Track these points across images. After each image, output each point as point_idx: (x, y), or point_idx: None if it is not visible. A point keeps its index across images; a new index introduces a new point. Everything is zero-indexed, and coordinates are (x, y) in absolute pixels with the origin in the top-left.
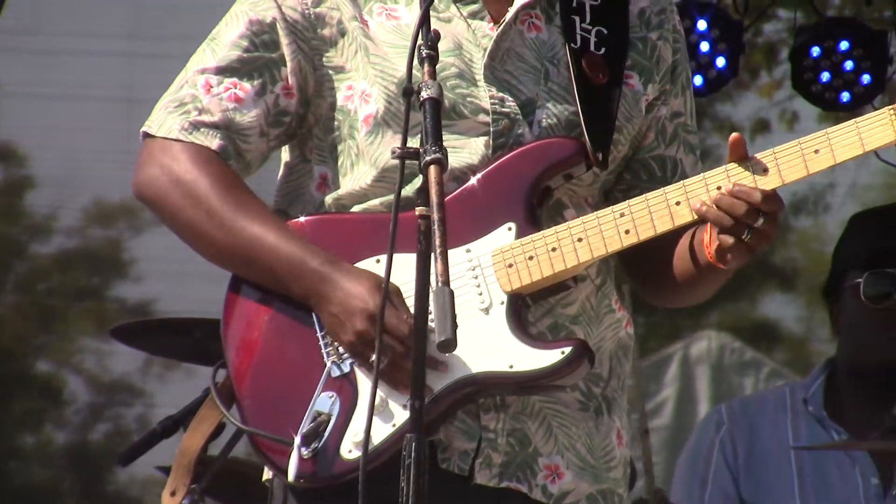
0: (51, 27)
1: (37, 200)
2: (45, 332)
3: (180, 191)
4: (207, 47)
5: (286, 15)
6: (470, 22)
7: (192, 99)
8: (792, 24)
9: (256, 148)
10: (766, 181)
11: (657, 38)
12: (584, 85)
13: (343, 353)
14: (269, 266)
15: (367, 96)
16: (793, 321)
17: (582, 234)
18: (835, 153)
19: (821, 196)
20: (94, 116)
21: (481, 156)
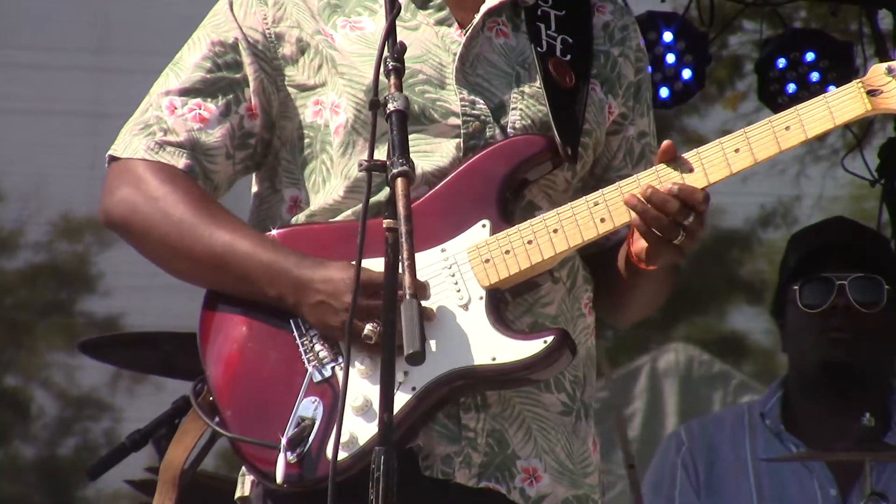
0: (16, 40)
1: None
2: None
3: (150, 207)
4: (171, 71)
5: (247, 35)
6: (437, 29)
7: (156, 120)
8: (758, 35)
9: (223, 170)
10: (739, 162)
11: (618, 55)
12: (552, 87)
13: (324, 358)
14: (243, 271)
15: (337, 107)
16: (760, 334)
17: (557, 225)
18: (805, 128)
19: (788, 209)
20: (61, 131)
21: (452, 158)
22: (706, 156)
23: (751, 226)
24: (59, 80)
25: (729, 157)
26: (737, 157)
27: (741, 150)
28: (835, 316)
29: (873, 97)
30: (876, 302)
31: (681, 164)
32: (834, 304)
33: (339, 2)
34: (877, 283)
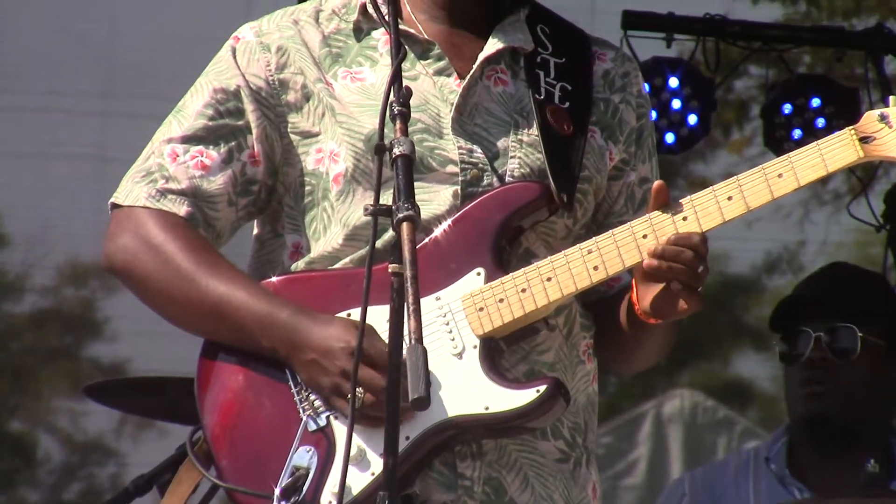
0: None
1: (9, 259)
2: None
3: (150, 255)
4: (173, 118)
5: (250, 82)
6: (436, 79)
7: (158, 168)
8: (763, 81)
9: (225, 217)
10: (731, 210)
11: (619, 101)
12: (549, 134)
13: (318, 407)
14: (238, 322)
15: (336, 156)
16: (766, 380)
17: (551, 274)
18: (798, 176)
19: (793, 255)
20: (66, 175)
21: (450, 206)
22: (699, 203)
23: (756, 272)
24: (63, 125)
25: (722, 205)
26: (730, 204)
27: (734, 197)
28: (812, 369)
29: (866, 144)
30: (850, 352)
31: (674, 212)
32: (810, 357)
33: (340, 51)
34: (850, 332)
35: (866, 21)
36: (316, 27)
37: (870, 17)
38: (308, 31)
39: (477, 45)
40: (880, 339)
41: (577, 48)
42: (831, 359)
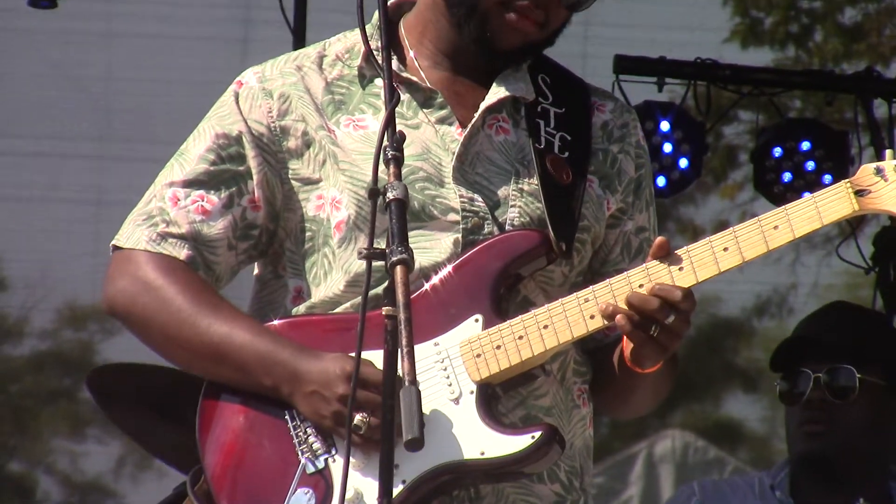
0: (19, 129)
1: (8, 302)
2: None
3: (149, 298)
4: (175, 161)
5: (252, 128)
6: (438, 128)
7: (159, 212)
8: (754, 125)
9: (225, 261)
10: (727, 261)
11: (618, 151)
12: (549, 183)
13: (317, 450)
14: (240, 361)
15: (338, 203)
16: (756, 421)
17: (548, 321)
18: (794, 228)
19: (784, 298)
20: (64, 218)
21: (450, 254)
22: (695, 254)
23: (746, 314)
24: (61, 169)
25: (718, 256)
26: (725, 255)
27: (730, 248)
28: (810, 409)
29: (861, 197)
30: (849, 392)
31: (671, 262)
32: (809, 397)
33: (343, 98)
34: (849, 372)
35: (856, 65)
36: (319, 73)
37: (859, 61)
38: (311, 78)
39: (479, 94)
40: (880, 379)
41: (577, 98)
42: (830, 399)
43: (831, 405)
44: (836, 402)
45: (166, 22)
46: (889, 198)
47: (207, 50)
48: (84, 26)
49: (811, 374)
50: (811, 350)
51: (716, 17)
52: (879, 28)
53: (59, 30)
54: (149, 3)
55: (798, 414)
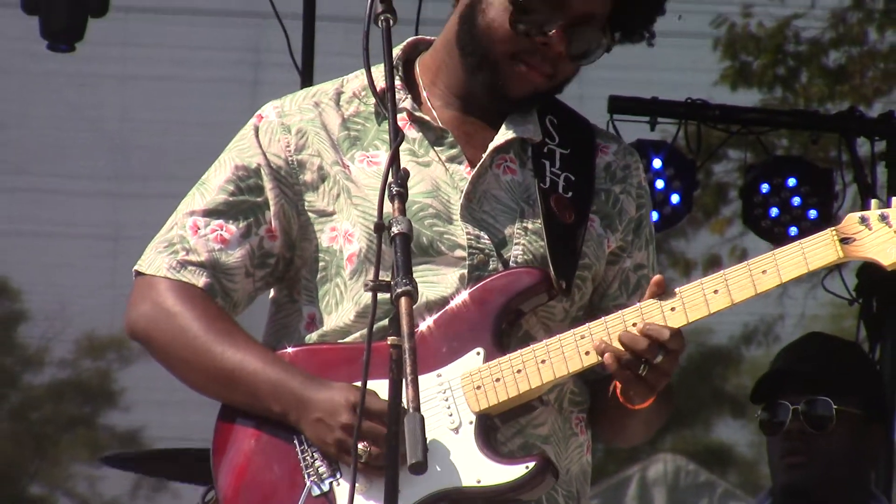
0: (39, 168)
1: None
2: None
3: (168, 324)
4: (197, 191)
5: (270, 161)
6: (448, 166)
7: (180, 240)
8: (742, 162)
9: (242, 287)
10: (717, 302)
11: (620, 192)
12: (552, 222)
13: (322, 473)
14: (251, 389)
15: (350, 236)
16: (745, 446)
17: (545, 356)
18: (781, 273)
19: (770, 327)
20: (82, 253)
21: (456, 288)
22: (687, 295)
23: (735, 343)
24: (79, 205)
25: (708, 298)
26: (716, 297)
27: (720, 291)
28: (790, 440)
29: (846, 245)
30: (826, 422)
31: (664, 302)
32: (789, 428)
33: (358, 134)
34: (826, 404)
35: (839, 105)
36: (336, 109)
37: (843, 101)
38: (328, 114)
39: (488, 134)
40: (856, 409)
41: (583, 139)
42: (809, 430)
43: (810, 436)
44: (814, 432)
45: (180, 65)
46: (872, 246)
47: (219, 91)
48: (100, 69)
49: (790, 405)
50: (789, 382)
51: (706, 59)
52: (862, 70)
53: (77, 73)
54: (163, 46)
55: (779, 444)
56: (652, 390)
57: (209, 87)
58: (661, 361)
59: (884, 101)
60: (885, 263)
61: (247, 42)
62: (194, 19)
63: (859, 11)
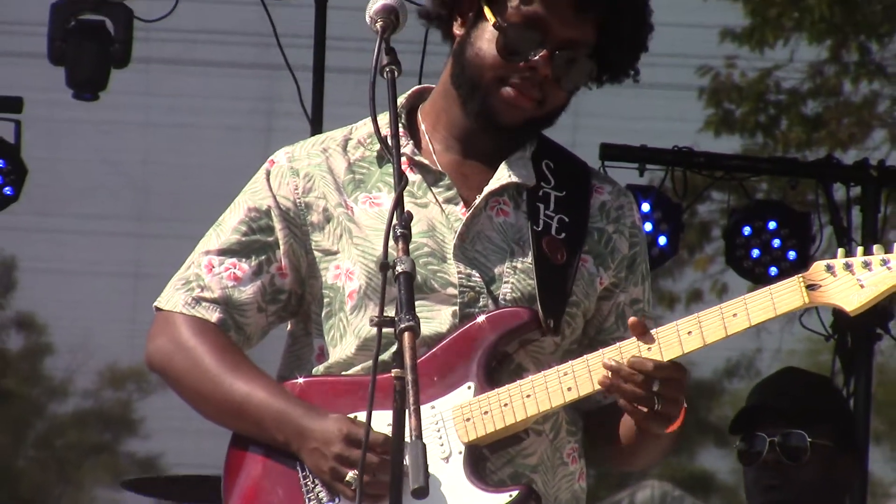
0: (65, 209)
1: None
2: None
3: (182, 357)
4: (213, 231)
5: (280, 203)
6: (444, 207)
7: (196, 277)
8: (725, 205)
9: (255, 322)
10: (690, 343)
11: (613, 231)
12: (543, 262)
13: (322, 498)
14: (257, 418)
15: (351, 274)
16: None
17: (531, 391)
18: (750, 316)
19: (751, 361)
20: (105, 290)
21: (449, 325)
22: (663, 336)
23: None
24: (103, 245)
25: (682, 339)
26: (689, 338)
27: (693, 332)
28: (766, 469)
29: (812, 291)
30: (801, 453)
31: (642, 342)
32: (765, 459)
33: (363, 177)
34: (800, 436)
35: (817, 152)
36: (343, 155)
37: (820, 148)
38: (335, 159)
39: (485, 177)
40: (828, 441)
41: (578, 181)
42: (784, 461)
43: (785, 466)
44: (789, 463)
45: (197, 113)
46: (836, 293)
47: (234, 138)
48: (123, 117)
49: (766, 437)
50: (766, 415)
51: (692, 108)
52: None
53: (101, 120)
54: (181, 96)
55: (755, 474)
56: (667, 421)
57: (224, 134)
58: (662, 389)
59: (858, 149)
60: (849, 309)
61: (260, 92)
62: (210, 70)
63: (835, 64)
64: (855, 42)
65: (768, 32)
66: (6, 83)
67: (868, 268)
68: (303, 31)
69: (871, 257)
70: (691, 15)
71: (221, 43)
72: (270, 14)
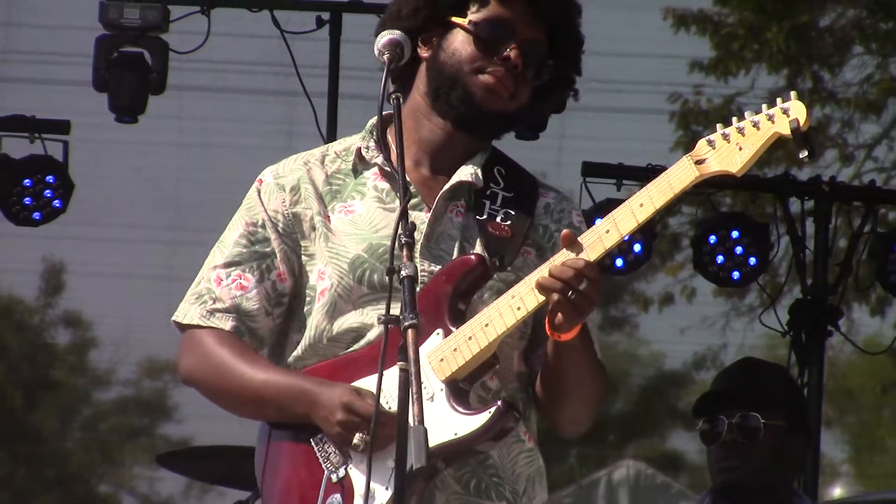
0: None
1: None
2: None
3: (206, 366)
4: (217, 248)
5: (271, 216)
6: (410, 213)
7: (207, 291)
8: (693, 217)
9: (265, 325)
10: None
11: (555, 230)
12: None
13: (337, 462)
14: (277, 401)
15: (323, 274)
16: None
17: (488, 320)
18: (654, 201)
19: (716, 354)
20: (143, 291)
21: None
22: (587, 240)
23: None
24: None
25: (602, 237)
26: (608, 236)
27: (610, 230)
28: (726, 449)
29: (699, 165)
30: (755, 433)
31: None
32: (724, 439)
33: (339, 188)
34: (755, 418)
35: (775, 169)
36: (321, 168)
37: (778, 166)
38: (315, 172)
39: (445, 184)
40: (781, 422)
41: (526, 187)
42: (741, 440)
43: (742, 445)
44: (746, 442)
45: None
46: (718, 161)
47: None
48: (159, 138)
49: (725, 420)
50: (725, 400)
51: (663, 130)
52: None
53: (139, 141)
54: (211, 119)
55: (716, 452)
56: (580, 314)
57: (249, 153)
58: (585, 287)
59: (812, 167)
60: (734, 171)
61: (280, 116)
62: (238, 97)
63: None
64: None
65: (732, 63)
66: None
67: (742, 132)
68: (319, 62)
69: (743, 122)
70: (663, 47)
71: (246, 72)
72: (290, 47)
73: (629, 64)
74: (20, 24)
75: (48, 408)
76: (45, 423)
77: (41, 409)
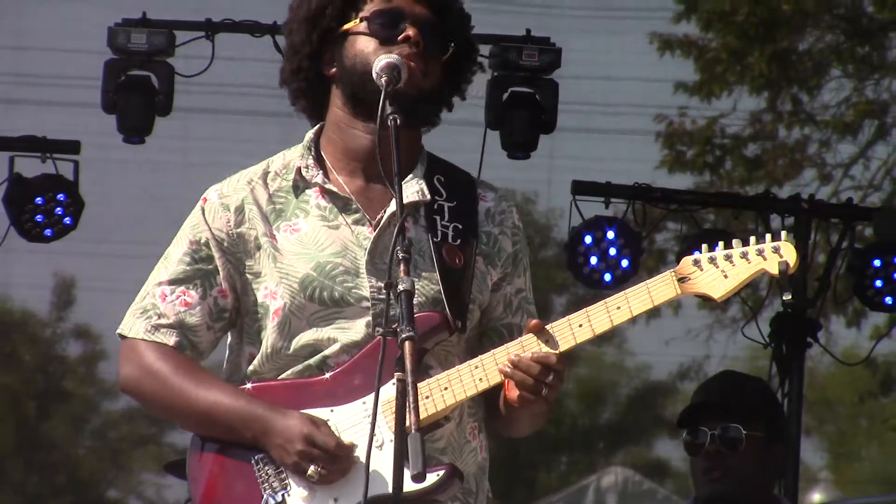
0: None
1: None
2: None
3: (150, 381)
4: (162, 264)
5: (215, 235)
6: (353, 228)
7: (152, 307)
8: (678, 234)
9: (206, 339)
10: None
11: (499, 233)
12: (444, 269)
13: (276, 486)
14: (226, 423)
15: (275, 294)
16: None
17: (447, 384)
18: (632, 308)
19: (700, 365)
20: None
21: (364, 334)
22: (558, 330)
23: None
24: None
25: (574, 332)
26: (580, 330)
27: (583, 325)
28: (709, 459)
29: (683, 283)
30: (737, 444)
31: (540, 336)
32: (707, 449)
33: (282, 206)
34: (737, 429)
35: (756, 188)
36: (264, 187)
37: (759, 183)
38: (258, 191)
39: (387, 197)
40: (761, 433)
41: (466, 191)
42: (724, 451)
43: (725, 455)
44: (727, 452)
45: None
46: (704, 283)
47: None
48: (165, 158)
49: (707, 431)
50: (707, 412)
51: (650, 150)
52: (775, 160)
53: (146, 161)
54: (215, 139)
55: (699, 462)
56: (543, 401)
57: None
58: (551, 380)
59: (792, 185)
60: (716, 297)
61: (280, 136)
62: (239, 118)
63: (772, 113)
64: (789, 94)
65: (715, 86)
66: (66, 128)
67: (730, 260)
68: None
69: (731, 251)
70: (649, 71)
71: (248, 95)
72: None
73: (617, 87)
74: (32, 48)
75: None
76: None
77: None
